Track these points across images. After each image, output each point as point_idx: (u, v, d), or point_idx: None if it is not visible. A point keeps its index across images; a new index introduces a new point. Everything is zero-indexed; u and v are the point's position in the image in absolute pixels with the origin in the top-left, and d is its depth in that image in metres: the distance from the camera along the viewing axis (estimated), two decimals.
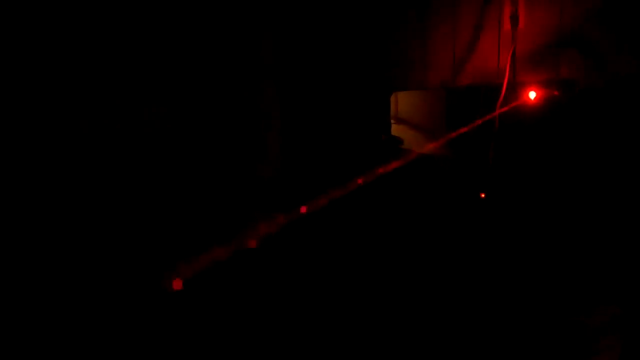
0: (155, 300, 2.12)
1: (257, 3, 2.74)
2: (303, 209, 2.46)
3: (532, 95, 2.98)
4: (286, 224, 2.62)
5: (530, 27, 2.93)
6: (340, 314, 2.50)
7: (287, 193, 2.86)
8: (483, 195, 3.32)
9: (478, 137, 3.21)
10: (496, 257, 2.93)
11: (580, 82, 2.92)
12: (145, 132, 2.29)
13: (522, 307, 2.58)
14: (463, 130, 3.26)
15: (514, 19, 2.90)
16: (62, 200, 2.10)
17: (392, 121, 3.80)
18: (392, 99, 3.77)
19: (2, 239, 1.93)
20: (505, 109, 3.06)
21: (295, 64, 3.06)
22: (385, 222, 3.14)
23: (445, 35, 3.20)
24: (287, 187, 2.91)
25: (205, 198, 2.55)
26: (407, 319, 2.53)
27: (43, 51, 2.06)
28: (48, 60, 2.08)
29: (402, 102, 3.91)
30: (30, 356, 1.87)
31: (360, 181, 3.00)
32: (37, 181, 2.06)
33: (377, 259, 2.91)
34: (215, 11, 2.54)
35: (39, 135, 2.07)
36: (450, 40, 3.19)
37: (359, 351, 2.31)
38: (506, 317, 2.53)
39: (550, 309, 2.55)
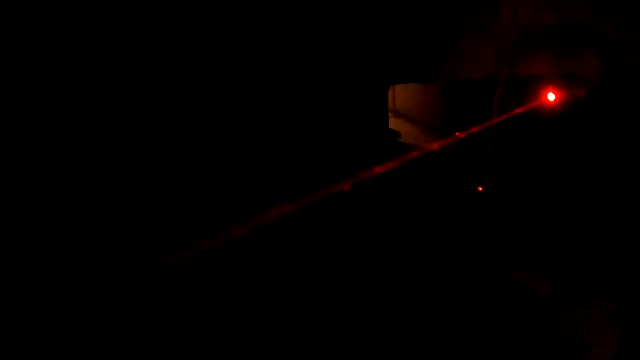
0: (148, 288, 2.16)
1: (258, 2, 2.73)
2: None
3: (552, 97, 2.98)
4: (287, 217, 2.63)
5: (529, 23, 2.91)
6: (342, 303, 2.52)
7: (287, 186, 2.86)
8: (481, 189, 3.34)
9: (475, 132, 3.21)
10: (492, 251, 2.96)
11: (580, 77, 2.92)
12: (145, 132, 2.30)
13: (519, 300, 2.61)
14: (461, 126, 3.25)
15: (513, 13, 2.89)
16: (70, 197, 2.13)
17: (390, 115, 3.80)
18: (390, 93, 3.76)
19: (13, 225, 1.98)
20: (519, 111, 3.05)
21: (294, 59, 3.04)
22: (382, 214, 3.15)
23: (445, 30, 3.17)
24: (288, 181, 2.91)
25: (205, 195, 2.56)
26: (405, 312, 2.55)
27: (48, 52, 2.06)
28: (52, 61, 2.08)
29: (400, 96, 3.91)
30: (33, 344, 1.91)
31: (358, 175, 3.01)
32: (41, 179, 2.09)
33: (376, 250, 2.92)
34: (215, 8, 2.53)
35: (46, 134, 2.10)
36: (450, 34, 3.16)
37: (365, 340, 2.33)
38: (503, 310, 2.55)
39: (547, 303, 2.58)
